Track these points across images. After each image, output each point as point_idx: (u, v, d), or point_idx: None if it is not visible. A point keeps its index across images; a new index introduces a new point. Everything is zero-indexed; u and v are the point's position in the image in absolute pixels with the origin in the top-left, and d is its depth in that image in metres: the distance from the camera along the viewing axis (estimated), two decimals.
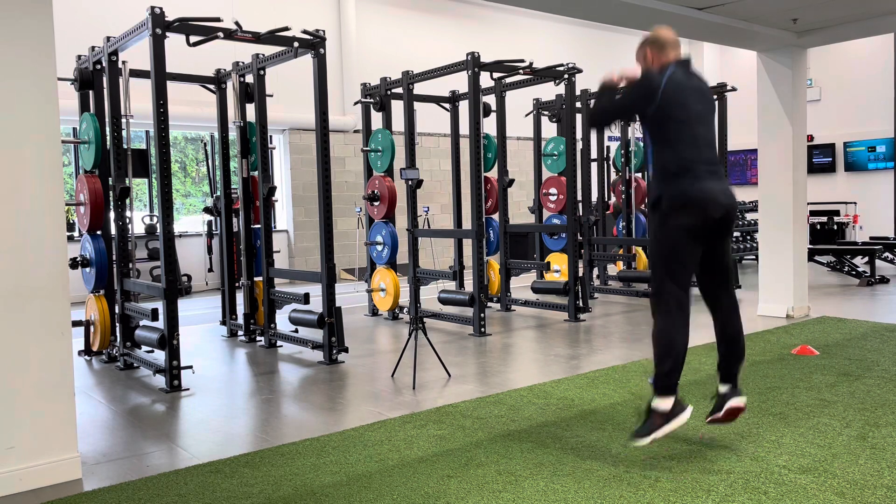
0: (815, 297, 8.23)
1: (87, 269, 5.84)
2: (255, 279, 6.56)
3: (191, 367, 5.27)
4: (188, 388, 5.02)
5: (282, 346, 6.40)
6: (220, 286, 7.44)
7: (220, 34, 5.32)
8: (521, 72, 7.19)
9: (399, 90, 7.71)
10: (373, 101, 7.94)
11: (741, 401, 3.50)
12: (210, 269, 11.21)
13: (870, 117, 14.44)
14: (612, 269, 10.31)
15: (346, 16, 12.42)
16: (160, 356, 5.27)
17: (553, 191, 8.42)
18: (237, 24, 5.37)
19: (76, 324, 4.70)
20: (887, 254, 11.19)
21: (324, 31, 5.68)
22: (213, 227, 10.88)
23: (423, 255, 11.92)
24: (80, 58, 6.21)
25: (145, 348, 5.71)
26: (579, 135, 8.75)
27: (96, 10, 9.94)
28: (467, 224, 7.67)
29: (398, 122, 8.25)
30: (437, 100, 8.38)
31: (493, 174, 8.16)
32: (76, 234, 9.06)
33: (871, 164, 14.46)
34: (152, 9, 4.97)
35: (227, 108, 6.89)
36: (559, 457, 3.44)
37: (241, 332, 6.84)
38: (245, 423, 4.27)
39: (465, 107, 7.64)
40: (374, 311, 8.03)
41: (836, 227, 13.92)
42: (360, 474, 3.31)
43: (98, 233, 5.80)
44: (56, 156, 3.42)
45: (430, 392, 4.75)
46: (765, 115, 7.35)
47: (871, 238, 12.65)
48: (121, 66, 5.72)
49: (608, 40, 15.13)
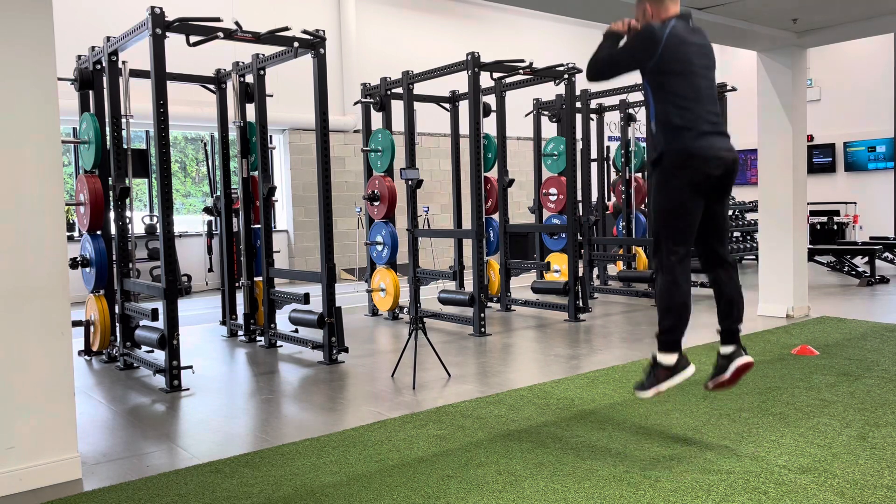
0: (815, 297, 8.23)
1: (87, 269, 5.84)
2: (255, 279, 6.56)
3: (191, 367, 5.27)
4: (188, 388, 5.02)
5: (282, 346, 6.40)
6: (220, 286, 7.44)
7: (220, 34, 5.32)
8: (521, 72, 7.19)
9: (399, 90, 7.71)
10: (373, 101, 7.94)
11: (748, 358, 3.45)
12: (210, 269, 11.21)
13: (870, 117, 14.44)
14: (612, 269, 10.32)
15: (346, 16, 12.42)
16: (160, 356, 5.27)
17: (553, 191, 8.42)
18: (237, 24, 5.37)
19: (76, 324, 4.70)
20: (887, 254, 11.20)
21: (324, 31, 5.68)
22: (213, 227, 10.89)
23: (423, 255, 11.92)
24: (80, 58, 6.21)
25: (145, 348, 5.71)
26: (579, 135, 8.76)
27: (96, 10, 9.95)
28: (467, 224, 7.67)
29: (398, 122, 8.25)
30: (437, 100, 8.38)
31: (493, 174, 8.16)
32: (76, 234, 9.06)
33: (871, 164, 14.46)
34: (152, 9, 4.97)
35: (227, 108, 6.89)
36: (559, 457, 3.44)
37: (241, 332, 6.84)
38: (245, 423, 4.27)
39: (465, 107, 7.64)
40: (374, 311, 8.03)
41: (836, 227, 13.92)
42: (360, 474, 3.31)
43: (98, 233, 5.80)
44: (56, 156, 3.42)
45: (430, 392, 4.75)
46: (765, 115, 7.35)
47: (871, 238, 12.65)
48: (121, 66, 5.72)
49: None
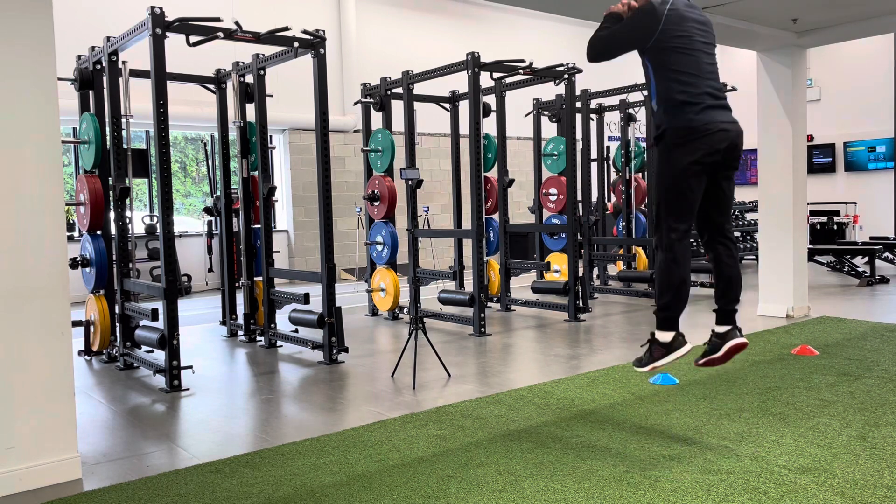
0: (815, 297, 8.23)
1: (87, 269, 5.84)
2: (255, 279, 6.56)
3: (191, 367, 5.27)
4: (188, 388, 5.02)
5: (282, 346, 6.40)
6: (220, 286, 7.45)
7: (220, 34, 5.32)
8: (521, 72, 7.19)
9: (399, 90, 7.71)
10: (373, 101, 7.94)
11: (743, 339, 3.45)
12: (210, 269, 11.21)
13: (870, 117, 14.44)
14: (612, 269, 10.32)
15: (346, 16, 12.42)
16: (160, 356, 5.27)
17: (553, 191, 8.42)
18: (237, 24, 5.37)
19: (76, 324, 4.70)
20: (887, 254, 11.20)
21: (324, 31, 5.68)
22: (213, 227, 10.89)
23: (423, 255, 11.92)
24: (80, 58, 6.21)
25: (145, 348, 5.71)
26: (579, 135, 8.76)
27: (96, 10, 9.95)
28: (467, 224, 7.67)
29: (398, 122, 8.25)
30: (437, 100, 8.38)
31: (493, 174, 8.16)
32: (76, 234, 9.06)
33: (871, 164, 14.46)
34: (152, 9, 4.97)
35: (227, 108, 6.89)
36: (559, 457, 3.44)
37: (241, 332, 6.84)
38: (245, 423, 4.27)
39: (465, 107, 7.64)
40: (374, 311, 8.03)
41: (836, 227, 13.92)
42: (360, 474, 3.31)
43: (98, 233, 5.80)
44: (56, 156, 3.42)
45: (430, 392, 4.75)
46: (765, 115, 7.35)
47: (871, 238, 12.66)
48: (121, 66, 5.72)
49: None
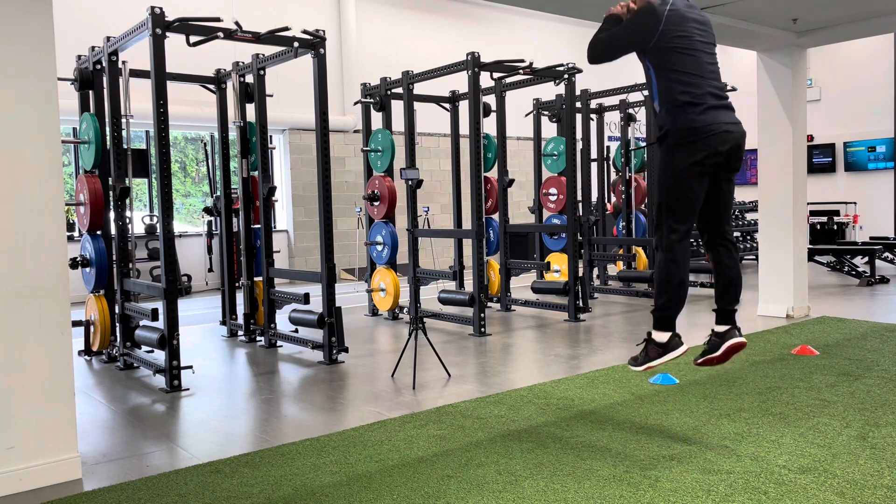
0: (815, 297, 8.23)
1: (87, 269, 5.84)
2: (255, 279, 6.56)
3: (191, 367, 5.27)
4: (188, 388, 5.02)
5: (282, 346, 6.40)
6: (220, 286, 7.44)
7: (220, 34, 5.32)
8: (521, 72, 7.19)
9: (399, 90, 7.71)
10: (373, 101, 7.94)
11: (742, 339, 3.46)
12: (210, 269, 11.21)
13: (870, 117, 14.44)
14: (612, 269, 10.32)
15: (346, 16, 12.42)
16: (160, 356, 5.27)
17: (553, 191, 8.42)
18: (237, 24, 5.37)
19: (76, 324, 4.70)
20: (887, 254, 11.19)
21: (324, 31, 5.68)
22: (213, 227, 10.89)
23: (423, 255, 11.92)
24: (80, 58, 6.21)
25: (145, 348, 5.71)
26: (579, 135, 8.76)
27: (96, 10, 9.95)
28: (467, 224, 7.67)
29: (398, 122, 8.25)
30: (437, 100, 8.38)
31: (493, 174, 8.16)
32: (76, 234, 9.06)
33: (871, 164, 14.46)
34: (152, 9, 4.97)
35: (227, 108, 6.89)
36: (559, 457, 3.44)
37: (241, 332, 6.83)
38: (245, 423, 4.27)
39: (465, 107, 7.64)
40: (374, 311, 8.03)
41: (836, 227, 13.92)
42: (360, 474, 3.31)
43: (98, 233, 5.80)
44: (56, 156, 3.42)
45: (430, 392, 4.75)
46: (765, 115, 7.35)
47: (871, 238, 12.65)
48: (121, 66, 5.72)
49: None
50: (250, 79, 6.48)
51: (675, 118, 3.31)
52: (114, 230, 5.84)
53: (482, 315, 6.74)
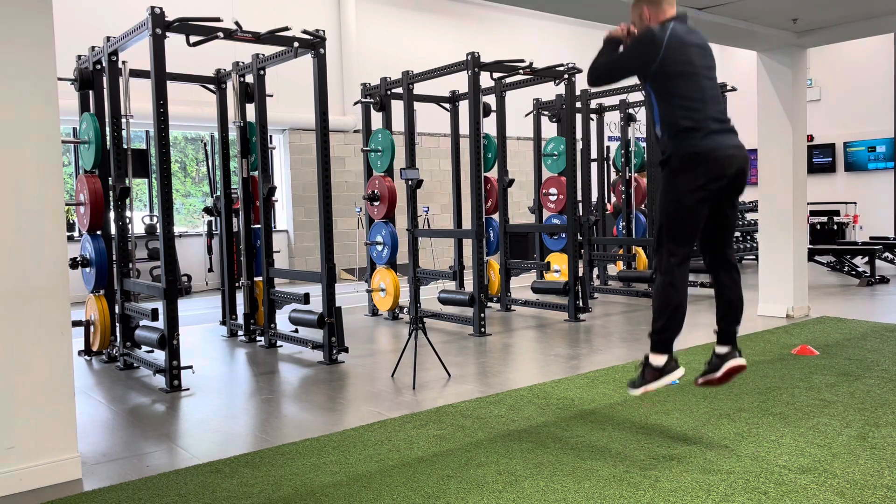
0: (815, 297, 8.23)
1: (87, 269, 5.84)
2: (255, 279, 6.56)
3: (191, 367, 5.27)
4: (188, 388, 5.02)
5: (282, 346, 6.40)
6: (220, 286, 7.44)
7: (220, 34, 5.32)
8: (521, 72, 7.19)
9: (399, 90, 7.71)
10: (373, 101, 7.94)
11: (741, 361, 3.48)
12: (210, 269, 11.21)
13: (870, 117, 14.44)
14: (612, 269, 10.32)
15: (346, 16, 12.42)
16: (160, 356, 5.27)
17: (553, 191, 8.42)
18: (237, 24, 5.37)
19: (76, 324, 4.70)
20: (887, 254, 11.19)
21: (324, 31, 5.68)
22: (213, 227, 10.89)
23: (423, 255, 11.92)
24: (80, 58, 6.21)
25: (145, 348, 5.71)
26: (579, 135, 8.76)
27: (96, 10, 9.95)
28: (467, 224, 7.67)
29: (398, 122, 8.25)
30: (437, 100, 8.38)
31: (493, 174, 8.16)
32: (76, 234, 9.06)
33: (871, 164, 14.47)
34: (152, 9, 4.97)
35: (227, 108, 6.89)
36: (559, 457, 3.44)
37: (241, 332, 6.84)
38: (245, 423, 4.27)
39: (465, 107, 7.64)
40: (374, 311, 8.03)
41: (836, 227, 13.93)
42: (360, 474, 3.32)
43: (98, 233, 5.80)
44: (56, 156, 3.42)
45: (430, 392, 4.75)
46: (765, 115, 7.35)
47: (871, 238, 12.65)
48: (121, 66, 5.72)
49: None
50: (250, 79, 6.48)
51: (678, 143, 3.31)
52: (114, 230, 5.84)
53: (482, 315, 6.74)
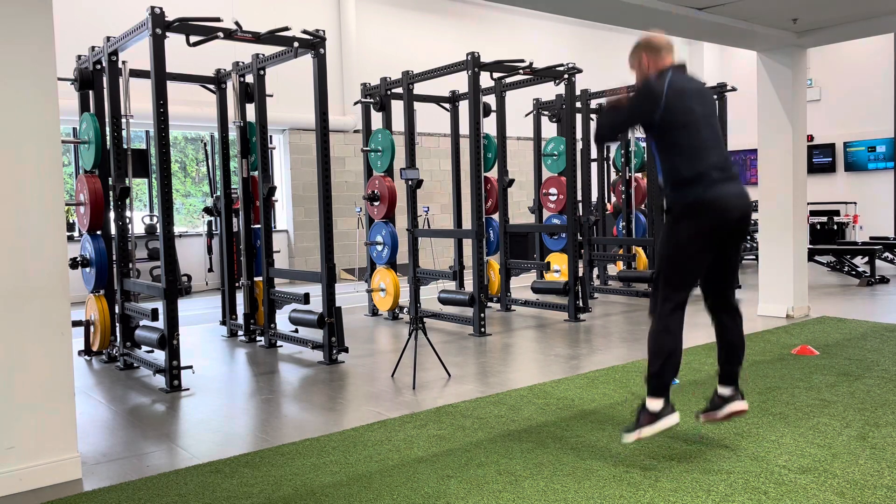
0: (815, 297, 8.23)
1: (87, 269, 5.84)
2: (255, 279, 6.56)
3: (191, 367, 5.27)
4: (188, 388, 5.02)
5: (282, 346, 6.40)
6: (220, 286, 7.44)
7: (220, 34, 5.32)
8: (521, 72, 7.19)
9: (399, 90, 7.71)
10: (373, 101, 7.94)
11: (744, 404, 3.50)
12: (210, 269, 11.21)
13: (870, 117, 14.44)
14: (612, 269, 10.32)
15: (346, 16, 12.42)
16: (160, 356, 5.27)
17: (553, 191, 8.42)
18: (237, 24, 5.37)
19: (76, 324, 4.70)
20: (887, 254, 11.19)
21: (324, 31, 5.68)
22: (213, 227, 10.88)
23: (423, 255, 11.92)
24: (80, 58, 6.21)
25: (145, 348, 5.71)
26: (579, 135, 8.76)
27: (96, 10, 9.95)
28: (467, 224, 7.67)
29: (398, 122, 8.25)
30: (437, 100, 8.38)
31: (493, 174, 8.16)
32: (76, 234, 9.06)
33: (871, 164, 14.46)
34: (152, 9, 4.97)
35: (227, 108, 6.89)
36: (559, 457, 3.44)
37: (241, 332, 6.84)
38: (245, 423, 4.27)
39: (465, 107, 7.64)
40: (374, 311, 8.03)
41: (836, 227, 13.92)
42: (360, 474, 3.32)
43: (98, 233, 5.80)
44: (56, 156, 3.42)
45: (430, 392, 4.75)
46: (765, 115, 7.35)
47: (871, 238, 12.65)
48: (121, 66, 5.72)
49: (608, 40, 15.12)
50: (250, 79, 6.49)
51: (680, 194, 3.30)
52: (114, 230, 5.84)
53: (482, 315, 6.74)
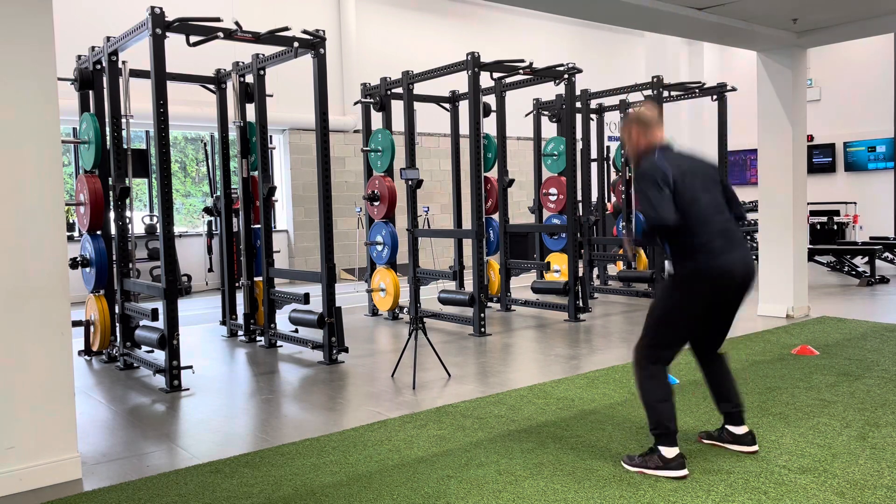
0: (815, 297, 8.23)
1: (87, 269, 5.84)
2: (255, 279, 6.56)
3: (191, 367, 5.27)
4: (188, 388, 5.02)
5: (282, 346, 6.40)
6: (220, 286, 7.44)
7: (220, 34, 5.32)
8: (521, 72, 7.18)
9: (399, 90, 7.71)
10: (373, 101, 7.94)
11: (755, 448, 3.43)
12: (210, 269, 11.21)
13: (870, 117, 14.44)
14: (612, 269, 10.31)
15: (346, 16, 12.42)
16: (160, 356, 5.27)
17: (553, 191, 8.42)
18: (237, 24, 5.37)
19: (76, 324, 4.70)
20: (887, 254, 11.20)
21: (324, 31, 5.68)
22: (213, 227, 10.88)
23: (423, 255, 11.92)
24: (80, 58, 6.21)
25: (145, 348, 5.71)
26: (579, 135, 8.76)
27: (96, 10, 9.95)
28: (467, 224, 7.67)
29: (398, 122, 8.25)
30: (437, 100, 8.38)
31: (493, 174, 8.16)
32: (76, 234, 9.06)
33: (871, 164, 14.46)
34: (152, 9, 4.97)
35: (227, 108, 6.89)
36: (559, 457, 3.44)
37: (241, 332, 6.83)
38: (245, 423, 4.27)
39: (465, 107, 7.64)
40: (374, 311, 8.03)
41: (836, 227, 13.92)
42: (360, 474, 3.32)
43: (98, 233, 5.80)
44: (56, 156, 3.42)
45: (430, 392, 4.75)
46: (765, 115, 7.35)
47: (871, 238, 12.65)
48: (121, 66, 5.72)
49: (608, 40, 15.11)
50: (250, 79, 6.48)
51: (684, 265, 3.28)
52: (114, 230, 5.84)
53: (482, 315, 6.74)
